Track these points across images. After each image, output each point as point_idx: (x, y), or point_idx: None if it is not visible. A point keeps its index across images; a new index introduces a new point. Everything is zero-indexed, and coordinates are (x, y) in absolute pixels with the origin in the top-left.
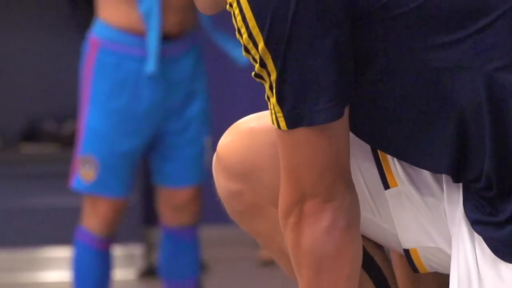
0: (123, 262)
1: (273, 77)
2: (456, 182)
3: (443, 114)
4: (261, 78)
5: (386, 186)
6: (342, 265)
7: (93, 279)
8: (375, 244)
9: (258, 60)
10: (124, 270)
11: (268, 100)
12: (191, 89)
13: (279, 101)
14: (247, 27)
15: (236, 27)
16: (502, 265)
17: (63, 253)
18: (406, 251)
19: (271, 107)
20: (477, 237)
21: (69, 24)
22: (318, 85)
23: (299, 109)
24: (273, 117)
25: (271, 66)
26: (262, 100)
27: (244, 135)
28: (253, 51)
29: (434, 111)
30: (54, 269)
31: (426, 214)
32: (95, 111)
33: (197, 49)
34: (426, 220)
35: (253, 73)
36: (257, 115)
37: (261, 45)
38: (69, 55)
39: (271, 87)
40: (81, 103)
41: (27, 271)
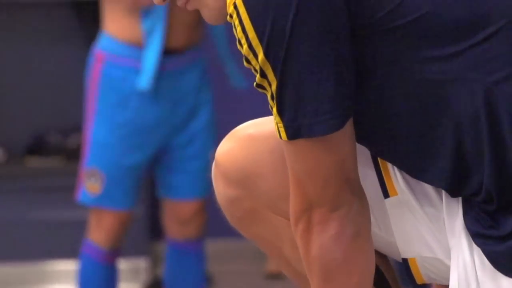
0: (128, 276)
1: (273, 87)
2: (454, 196)
3: (442, 127)
4: (263, 88)
5: (386, 195)
6: (351, 273)
7: None
8: (378, 253)
9: (259, 71)
10: (130, 283)
11: (271, 109)
12: (196, 102)
13: (280, 112)
14: (246, 38)
15: (237, 38)
16: (502, 278)
17: (69, 266)
18: (405, 260)
19: (274, 117)
20: (476, 249)
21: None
22: (317, 96)
23: (298, 120)
24: (276, 126)
25: (271, 76)
26: (267, 112)
27: (242, 141)
28: (253, 61)
29: (432, 123)
30: (59, 282)
31: (425, 224)
32: (100, 124)
33: (202, 62)
34: (426, 230)
35: (254, 84)
36: (256, 121)
37: (260, 56)
38: (74, 68)
39: (272, 97)
40: (86, 116)
41: (33, 285)
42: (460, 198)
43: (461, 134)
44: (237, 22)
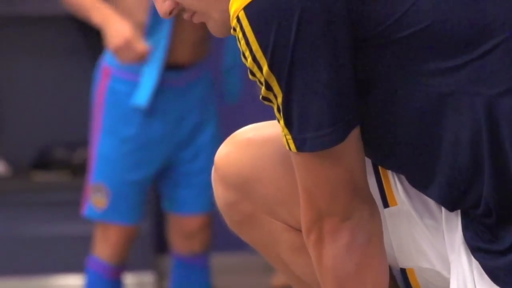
0: None
1: (279, 99)
2: (452, 211)
3: (441, 140)
4: (269, 100)
5: (386, 205)
6: (364, 281)
7: None
8: None
9: (264, 83)
10: None
11: (278, 122)
12: (202, 117)
13: (287, 124)
14: (250, 50)
15: (241, 51)
16: None
17: (75, 281)
18: (403, 270)
19: (281, 129)
20: (475, 263)
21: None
22: (318, 110)
23: (303, 133)
24: (284, 139)
25: (277, 88)
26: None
27: (241, 145)
28: (258, 74)
29: (432, 136)
30: None
31: (425, 236)
32: (106, 139)
33: (207, 77)
34: (425, 242)
35: (260, 97)
36: (256, 125)
37: (265, 68)
38: (80, 82)
39: (278, 110)
40: (92, 131)
41: None
42: (459, 211)
43: (460, 147)
44: (240, 35)
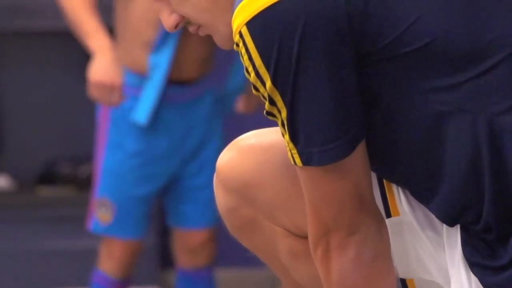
0: None
1: (283, 114)
2: (452, 226)
3: (442, 157)
4: (273, 115)
5: (388, 215)
6: None
7: None
8: None
9: (267, 98)
10: None
11: (283, 136)
12: (207, 132)
13: (292, 139)
14: (253, 66)
15: (244, 66)
16: None
17: None
18: (403, 280)
19: (286, 143)
20: (474, 279)
21: (86, 66)
22: (323, 125)
23: (309, 148)
24: (289, 153)
25: (280, 103)
26: None
27: (243, 151)
28: (261, 89)
29: (433, 153)
30: None
31: (426, 247)
32: (111, 154)
33: (212, 92)
34: (426, 253)
35: (264, 112)
36: (258, 132)
37: (268, 83)
38: (86, 97)
39: (283, 124)
40: (97, 145)
41: None
42: (458, 226)
43: (461, 164)
44: (243, 51)
